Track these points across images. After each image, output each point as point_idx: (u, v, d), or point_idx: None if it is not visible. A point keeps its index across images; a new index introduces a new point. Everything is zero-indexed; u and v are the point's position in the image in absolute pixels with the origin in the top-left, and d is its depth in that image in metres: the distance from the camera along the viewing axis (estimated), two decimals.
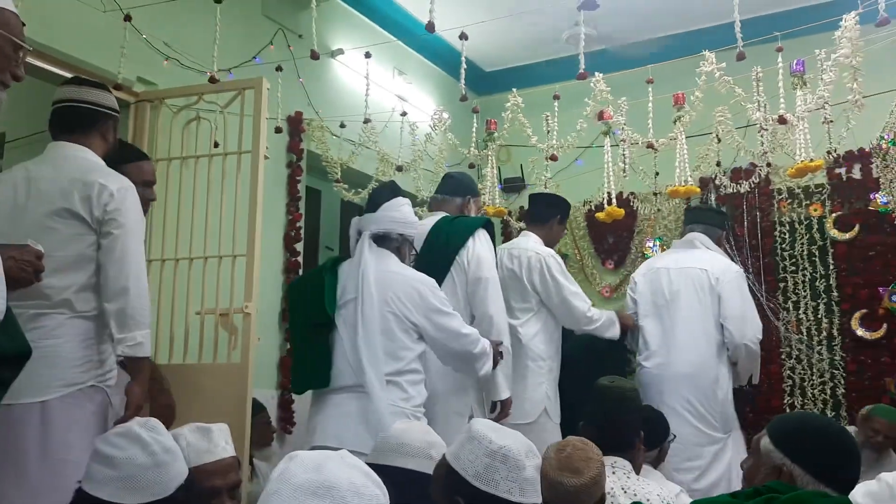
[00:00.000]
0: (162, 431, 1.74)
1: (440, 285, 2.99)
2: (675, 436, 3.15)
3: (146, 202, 2.71)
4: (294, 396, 4.21)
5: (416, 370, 2.82)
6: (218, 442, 1.98)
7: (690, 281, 4.01)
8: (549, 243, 3.92)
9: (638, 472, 2.55)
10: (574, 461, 2.03)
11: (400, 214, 2.94)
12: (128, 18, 3.31)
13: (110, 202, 2.31)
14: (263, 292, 3.66)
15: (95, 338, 2.33)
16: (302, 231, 4.45)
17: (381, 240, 2.91)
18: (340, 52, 4.78)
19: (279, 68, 3.94)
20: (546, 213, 3.95)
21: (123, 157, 2.69)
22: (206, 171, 3.44)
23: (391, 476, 1.92)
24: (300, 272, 4.37)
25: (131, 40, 3.34)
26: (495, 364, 3.00)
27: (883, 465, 4.01)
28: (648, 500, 2.36)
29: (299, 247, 4.41)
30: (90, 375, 2.30)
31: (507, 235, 5.50)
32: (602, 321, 3.82)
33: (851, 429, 4.11)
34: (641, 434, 2.65)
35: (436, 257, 3.17)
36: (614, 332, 3.87)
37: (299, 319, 3.03)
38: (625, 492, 2.38)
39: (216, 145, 3.45)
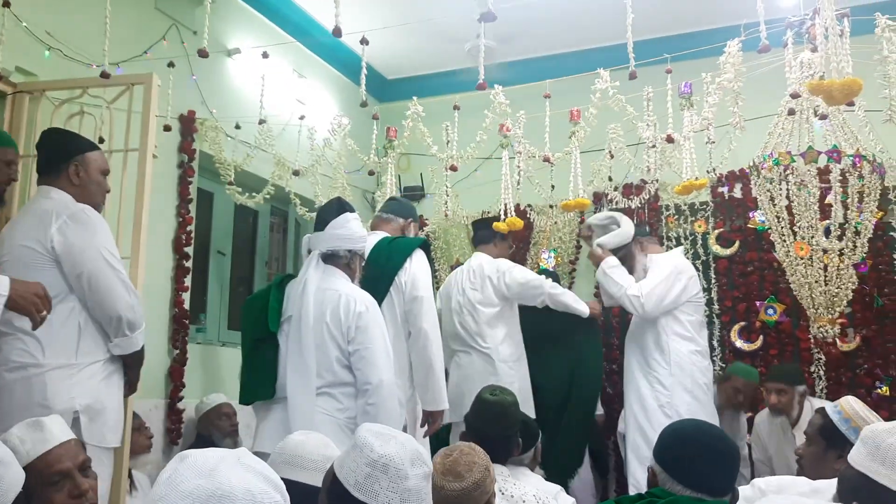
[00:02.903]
0: None
1: (380, 305, 3.10)
2: (543, 438, 3.25)
3: (105, 192, 2.79)
4: (182, 406, 4.09)
5: (352, 383, 2.87)
6: (51, 429, 1.91)
7: None
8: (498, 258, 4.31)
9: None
10: (458, 466, 2.05)
11: (347, 231, 3.01)
12: (6, 4, 3.11)
13: None
14: (150, 298, 3.51)
15: None
16: (193, 235, 4.29)
17: (330, 258, 3.01)
18: (237, 51, 4.65)
19: (171, 64, 3.79)
20: (487, 235, 4.33)
21: (86, 146, 2.74)
22: None
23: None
24: (189, 277, 4.22)
25: (10, 28, 3.14)
26: (430, 433, 3.26)
27: (739, 426, 4.35)
28: (525, 500, 2.44)
29: (190, 251, 4.25)
30: None
31: None
32: (566, 292, 4.22)
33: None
34: (519, 442, 2.82)
35: (376, 278, 3.25)
36: (582, 308, 4.17)
37: (247, 335, 3.12)
38: (502, 493, 2.50)
39: (101, 141, 3.28)
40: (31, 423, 1.91)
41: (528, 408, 3.88)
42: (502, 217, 4.13)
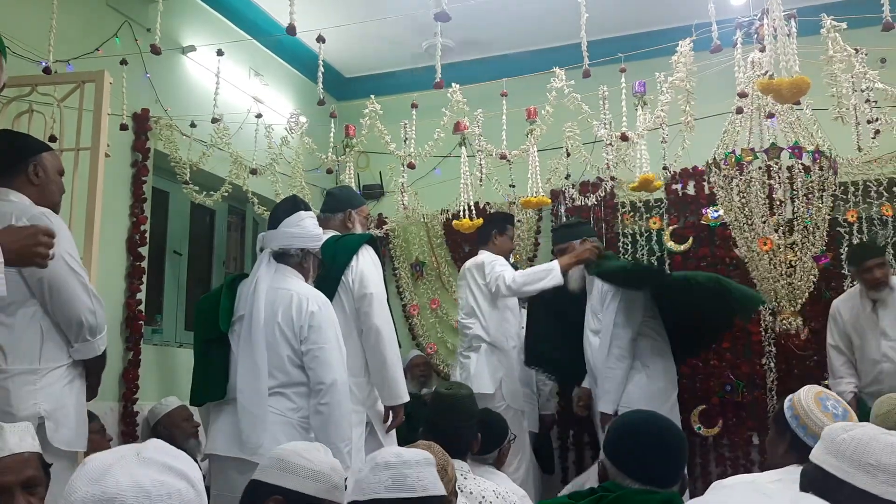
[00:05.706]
0: None
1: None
2: (514, 435, 3.25)
3: (62, 192, 2.72)
4: (136, 408, 4.03)
5: (305, 383, 2.84)
6: (8, 439, 1.85)
7: None
8: (502, 254, 4.48)
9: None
10: None
11: (299, 229, 2.96)
12: None
13: None
14: (102, 299, 3.44)
15: None
16: (147, 234, 4.23)
17: (282, 256, 2.96)
18: (192, 48, 4.59)
19: (124, 62, 3.73)
20: (485, 232, 4.46)
21: (41, 147, 2.68)
22: None
23: (275, 493, 1.84)
24: (144, 277, 4.16)
25: None
26: (392, 428, 3.27)
27: None
28: (484, 496, 2.47)
29: (144, 251, 4.19)
30: None
31: None
32: (525, 273, 4.25)
33: None
34: (479, 437, 2.81)
35: (324, 278, 3.21)
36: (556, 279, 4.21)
37: (198, 335, 3.09)
38: (461, 490, 2.51)
39: (52, 140, 3.22)
40: None
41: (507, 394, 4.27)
42: (465, 215, 4.17)
